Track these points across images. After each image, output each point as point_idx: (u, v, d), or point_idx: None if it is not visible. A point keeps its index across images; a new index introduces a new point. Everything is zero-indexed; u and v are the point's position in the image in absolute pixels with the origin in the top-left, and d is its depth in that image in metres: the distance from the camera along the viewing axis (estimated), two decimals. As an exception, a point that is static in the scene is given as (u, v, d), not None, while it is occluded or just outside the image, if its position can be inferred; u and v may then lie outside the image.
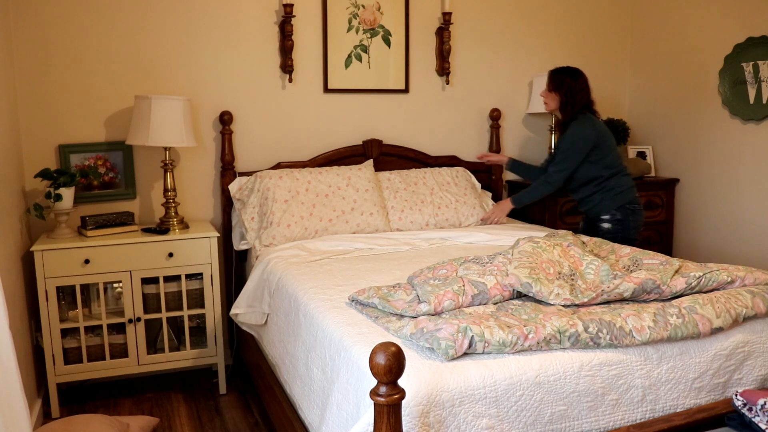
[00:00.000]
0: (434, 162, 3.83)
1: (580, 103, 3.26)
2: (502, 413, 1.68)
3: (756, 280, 2.21)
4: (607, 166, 3.25)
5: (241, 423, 2.97)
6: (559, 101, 3.30)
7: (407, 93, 3.83)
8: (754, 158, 3.60)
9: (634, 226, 3.26)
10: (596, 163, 3.24)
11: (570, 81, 3.26)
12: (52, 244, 2.89)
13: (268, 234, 3.13)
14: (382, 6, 3.67)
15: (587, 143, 3.20)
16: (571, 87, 3.25)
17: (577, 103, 3.25)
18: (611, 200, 3.24)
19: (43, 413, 3.01)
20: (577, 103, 3.25)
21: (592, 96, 3.32)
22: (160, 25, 3.32)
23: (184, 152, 3.44)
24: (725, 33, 3.69)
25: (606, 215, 3.24)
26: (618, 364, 1.82)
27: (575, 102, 3.25)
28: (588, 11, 4.22)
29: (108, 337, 3.03)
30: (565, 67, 3.34)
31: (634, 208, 3.27)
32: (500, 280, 2.13)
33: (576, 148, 3.21)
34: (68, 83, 3.21)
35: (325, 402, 1.97)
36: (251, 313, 2.89)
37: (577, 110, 3.26)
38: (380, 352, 1.45)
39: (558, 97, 3.30)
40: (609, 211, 3.24)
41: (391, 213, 3.41)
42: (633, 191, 3.30)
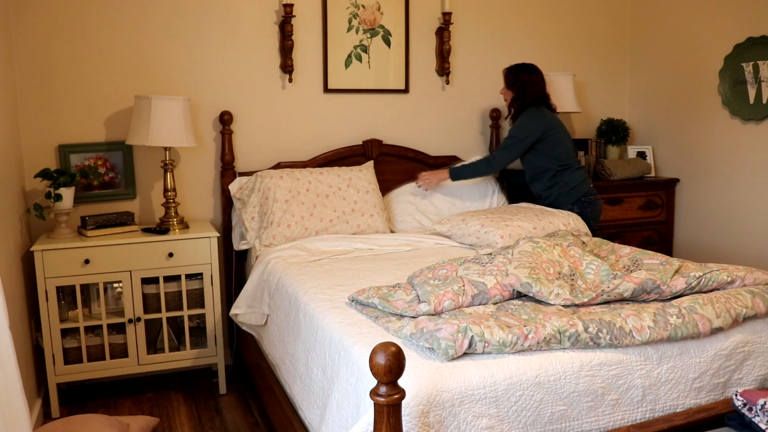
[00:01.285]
0: (434, 162, 3.83)
1: (531, 97, 3.41)
2: (502, 413, 1.68)
3: (756, 280, 2.21)
4: (556, 158, 3.38)
5: (241, 423, 2.97)
6: (512, 96, 3.47)
7: (407, 93, 3.83)
8: (754, 158, 3.60)
9: (592, 216, 3.42)
10: (545, 154, 3.38)
11: (525, 76, 3.43)
12: (52, 244, 2.89)
13: (268, 234, 3.13)
14: (382, 6, 3.67)
15: (534, 133, 3.34)
16: (524, 81, 3.41)
17: (528, 96, 3.40)
18: (567, 195, 3.38)
19: (43, 413, 3.01)
20: (528, 96, 3.40)
21: (546, 90, 3.47)
22: (160, 25, 3.32)
23: (184, 152, 3.44)
24: (725, 33, 3.69)
25: (563, 209, 3.35)
26: (618, 364, 1.83)
27: (526, 96, 3.40)
28: (588, 11, 4.22)
29: (108, 337, 3.03)
30: (519, 64, 3.50)
31: (590, 199, 3.41)
32: (500, 280, 2.13)
33: (522, 137, 3.36)
34: (68, 83, 3.21)
35: (325, 402, 1.97)
36: (251, 313, 2.89)
37: (527, 104, 3.40)
38: (380, 352, 1.45)
39: (512, 93, 3.47)
40: (566, 205, 3.38)
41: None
42: (587, 183, 3.45)
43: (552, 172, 3.39)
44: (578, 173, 3.43)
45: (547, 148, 3.37)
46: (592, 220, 3.39)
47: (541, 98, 3.43)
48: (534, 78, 3.41)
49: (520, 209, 3.28)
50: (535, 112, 3.37)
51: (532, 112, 3.37)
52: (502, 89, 3.53)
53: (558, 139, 3.38)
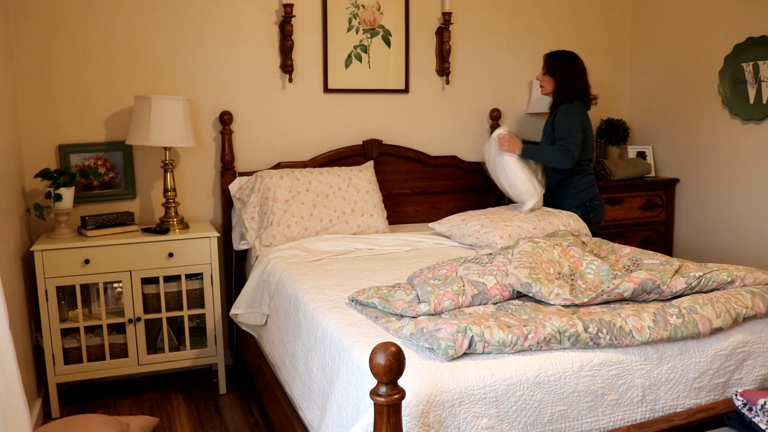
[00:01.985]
0: (434, 162, 3.83)
1: (577, 88, 3.30)
2: (502, 413, 1.68)
3: (756, 280, 2.21)
4: (579, 163, 3.31)
5: (241, 423, 2.97)
6: (555, 85, 3.34)
7: (407, 93, 3.83)
8: (754, 158, 3.60)
9: (595, 221, 3.38)
10: None
11: (566, 64, 3.31)
12: (52, 244, 2.89)
13: (268, 234, 3.13)
14: (382, 6, 3.67)
15: (580, 125, 3.25)
16: (567, 70, 3.29)
17: (574, 87, 3.29)
18: (572, 198, 3.35)
19: (43, 413, 3.01)
20: (573, 87, 3.29)
21: (588, 81, 3.36)
22: (160, 25, 3.32)
23: (184, 152, 3.44)
24: (725, 33, 3.69)
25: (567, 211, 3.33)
26: (618, 364, 1.83)
27: (571, 86, 3.29)
28: (588, 11, 4.22)
29: (108, 337, 3.03)
30: (561, 51, 3.38)
31: (594, 205, 3.38)
32: (500, 280, 2.13)
33: (572, 131, 3.22)
34: (68, 83, 3.21)
35: (325, 402, 1.97)
36: (251, 313, 2.89)
37: (572, 95, 3.29)
38: (380, 352, 1.45)
39: (554, 81, 3.34)
40: (570, 208, 3.34)
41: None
42: (594, 189, 3.41)
43: (564, 173, 3.36)
44: (588, 178, 3.41)
45: None
46: (594, 225, 3.37)
47: (584, 90, 3.33)
48: (577, 67, 3.32)
49: (519, 209, 3.28)
50: (579, 108, 3.27)
51: (575, 109, 3.26)
52: (540, 75, 3.41)
53: (585, 145, 3.32)
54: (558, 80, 3.32)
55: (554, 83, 3.34)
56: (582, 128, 3.27)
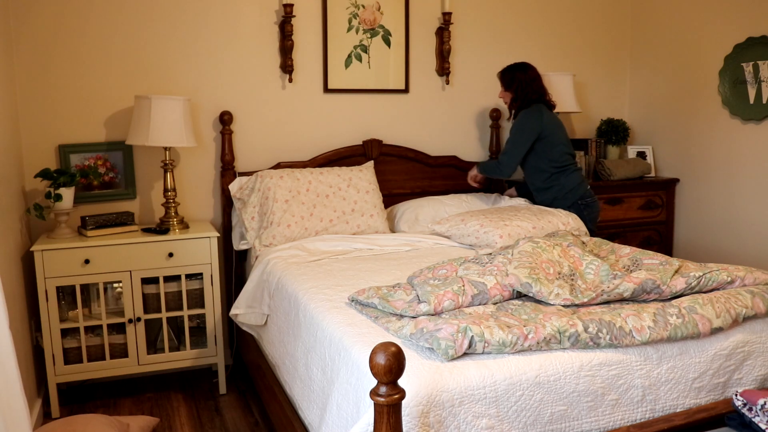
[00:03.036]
0: (434, 162, 3.83)
1: (532, 95, 3.38)
2: (502, 413, 1.68)
3: (756, 280, 2.21)
4: (552, 160, 3.37)
5: (241, 423, 2.97)
6: (511, 97, 3.45)
7: (407, 93, 3.83)
8: (754, 158, 3.60)
9: (590, 218, 3.40)
10: (540, 156, 3.37)
11: (520, 75, 3.41)
12: (52, 244, 2.89)
13: (268, 234, 3.13)
14: (382, 6, 3.67)
15: (533, 132, 3.33)
16: (521, 81, 3.40)
17: (529, 94, 3.38)
18: (563, 198, 3.37)
19: (43, 413, 3.01)
20: (528, 94, 3.38)
21: (543, 86, 3.45)
22: (160, 25, 3.32)
23: (184, 152, 3.44)
24: (725, 33, 3.69)
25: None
26: (618, 364, 1.83)
27: (525, 94, 3.39)
28: (588, 11, 4.22)
29: (108, 337, 3.03)
30: (513, 64, 3.49)
31: (587, 202, 3.40)
32: (500, 280, 2.13)
33: (522, 136, 3.34)
34: (68, 83, 3.21)
35: (325, 402, 1.97)
36: (251, 313, 2.89)
37: (527, 102, 3.38)
38: (380, 352, 1.45)
39: (511, 94, 3.45)
40: (562, 208, 3.35)
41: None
42: (583, 186, 3.43)
43: (547, 174, 3.39)
44: (575, 175, 3.42)
45: (542, 149, 3.35)
46: (589, 223, 3.38)
47: (540, 95, 3.41)
48: (530, 75, 3.40)
49: (519, 209, 3.28)
50: (533, 110, 3.36)
51: (530, 111, 3.36)
52: (501, 92, 3.52)
53: (554, 141, 3.36)
54: (513, 92, 3.43)
55: (511, 95, 3.45)
56: (535, 129, 3.33)
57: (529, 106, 3.38)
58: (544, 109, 3.40)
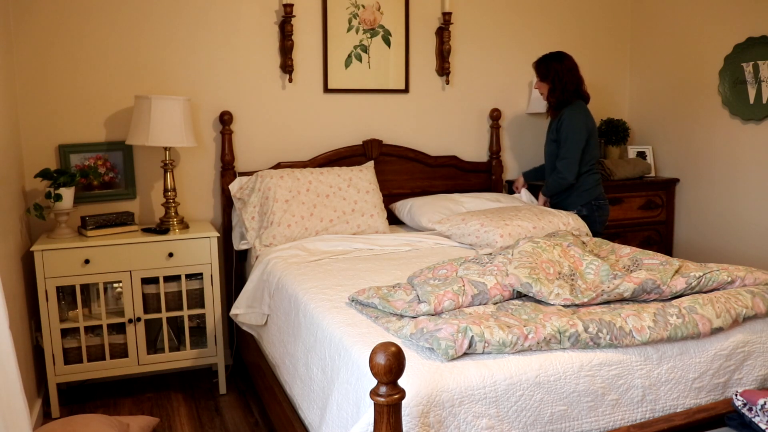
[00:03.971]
0: (434, 162, 3.83)
1: (570, 86, 3.34)
2: (502, 413, 1.68)
3: (756, 280, 2.21)
4: (585, 162, 3.36)
5: (241, 423, 2.97)
6: (549, 88, 3.39)
7: (407, 93, 3.83)
8: (753, 158, 3.60)
9: (600, 221, 3.41)
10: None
11: (556, 65, 3.36)
12: (52, 244, 2.89)
13: (268, 234, 3.13)
14: (382, 6, 3.67)
15: (585, 132, 3.31)
16: (558, 71, 3.34)
17: (567, 84, 3.33)
18: (578, 197, 3.37)
19: (43, 413, 3.01)
20: (566, 85, 3.33)
21: (580, 76, 3.40)
22: (160, 25, 3.32)
23: (184, 152, 3.44)
24: (725, 33, 3.69)
25: (572, 210, 3.36)
26: (618, 364, 1.83)
27: (564, 84, 3.33)
28: (588, 11, 4.22)
29: (108, 337, 3.03)
30: (548, 54, 3.43)
31: (600, 204, 3.41)
32: (500, 280, 2.13)
33: (577, 138, 3.30)
34: (68, 83, 3.21)
35: (325, 402, 1.97)
36: (251, 313, 2.89)
37: (567, 94, 3.33)
38: (380, 352, 1.45)
39: (547, 84, 3.39)
40: (575, 206, 3.37)
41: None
42: (599, 188, 3.44)
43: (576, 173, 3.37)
44: (594, 177, 3.42)
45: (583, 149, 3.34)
46: (598, 224, 3.38)
47: (578, 86, 3.36)
48: (566, 65, 3.35)
49: (519, 209, 3.28)
50: (581, 110, 3.32)
51: (578, 112, 3.31)
52: (536, 83, 3.46)
53: (593, 143, 3.36)
54: (550, 83, 3.37)
55: (548, 86, 3.39)
56: (586, 130, 3.31)
57: (569, 101, 3.32)
58: (585, 106, 3.36)
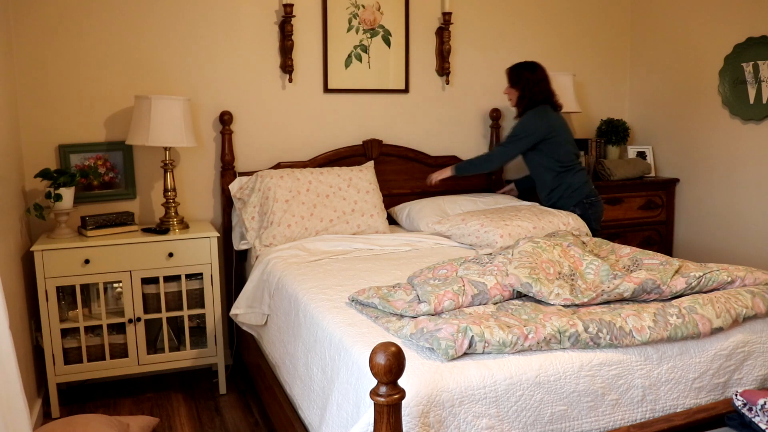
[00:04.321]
0: (434, 162, 3.83)
1: (538, 95, 3.38)
2: (502, 413, 1.68)
3: (756, 280, 2.21)
4: (558, 160, 3.39)
5: (241, 423, 2.97)
6: (517, 95, 3.43)
7: (407, 93, 3.83)
8: (754, 158, 3.60)
9: (595, 218, 3.42)
10: (547, 155, 3.38)
11: (528, 74, 3.40)
12: (52, 244, 2.89)
13: (268, 234, 3.13)
14: (382, 6, 3.67)
15: (536, 133, 3.34)
16: (528, 80, 3.38)
17: (535, 94, 3.38)
18: (569, 198, 3.39)
19: (43, 413, 3.01)
20: (535, 95, 3.38)
21: (551, 87, 3.45)
22: (160, 25, 3.32)
23: (184, 152, 3.44)
24: (725, 33, 3.69)
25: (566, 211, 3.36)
26: (618, 364, 1.83)
27: (533, 94, 3.38)
28: (588, 11, 4.22)
29: (108, 337, 3.03)
30: (522, 62, 3.47)
31: (592, 201, 3.42)
32: (500, 280, 2.13)
33: (522, 135, 3.35)
34: (68, 83, 3.21)
35: (325, 402, 1.97)
36: (251, 313, 2.89)
37: (534, 103, 3.38)
38: (380, 352, 1.45)
39: (517, 91, 3.43)
40: (569, 207, 3.38)
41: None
42: (588, 185, 3.45)
43: (554, 173, 3.40)
44: (580, 175, 3.43)
45: (549, 150, 3.36)
46: (594, 222, 3.39)
47: (547, 96, 3.41)
48: (537, 75, 3.39)
49: (519, 209, 3.28)
50: (541, 111, 3.36)
51: (538, 111, 3.36)
52: (506, 89, 3.50)
53: (560, 141, 3.38)
54: (520, 90, 3.41)
55: (517, 93, 3.44)
56: (546, 128, 3.34)
57: (535, 107, 3.38)
58: (550, 109, 3.40)
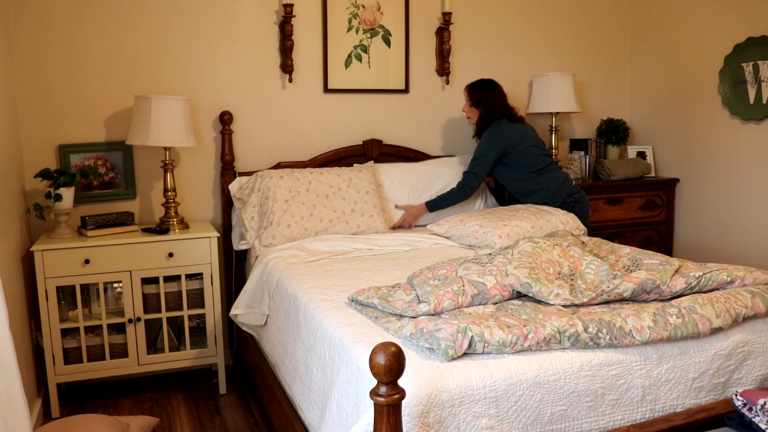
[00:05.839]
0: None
1: (497, 113, 3.43)
2: (502, 413, 1.68)
3: (756, 280, 2.21)
4: (527, 167, 3.41)
5: (241, 423, 2.97)
6: (478, 114, 3.47)
7: (407, 93, 3.83)
8: (754, 158, 3.60)
9: (580, 215, 3.40)
10: (513, 167, 3.42)
11: (489, 93, 3.45)
12: (52, 244, 2.89)
13: (268, 234, 3.13)
14: (382, 6, 3.67)
15: (495, 150, 3.39)
16: (489, 98, 3.43)
17: (495, 112, 3.43)
18: (551, 201, 3.40)
19: (43, 413, 3.01)
20: (495, 112, 3.43)
21: (509, 105, 3.49)
22: (160, 25, 3.32)
23: (184, 152, 3.44)
24: (725, 33, 3.69)
25: None
26: (618, 364, 1.83)
27: (494, 112, 3.43)
28: (588, 11, 4.22)
29: (108, 337, 3.03)
30: (479, 81, 3.50)
31: (575, 199, 3.43)
32: (500, 280, 2.13)
33: (483, 155, 3.40)
34: (68, 83, 3.21)
35: (324, 402, 1.97)
36: (251, 313, 2.89)
37: (490, 121, 3.43)
38: (380, 352, 1.45)
39: (478, 111, 3.46)
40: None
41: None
42: (567, 184, 3.45)
43: (528, 179, 3.42)
44: (556, 175, 3.44)
45: (514, 160, 3.41)
46: (581, 218, 3.38)
47: (503, 112, 3.45)
48: (498, 93, 3.45)
49: (518, 209, 3.28)
50: (495, 128, 3.41)
51: (492, 130, 3.41)
52: (466, 107, 3.51)
53: (522, 150, 3.40)
54: (482, 110, 3.44)
55: (479, 112, 3.46)
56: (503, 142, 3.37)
57: (491, 125, 3.42)
58: (505, 123, 3.42)
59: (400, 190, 3.53)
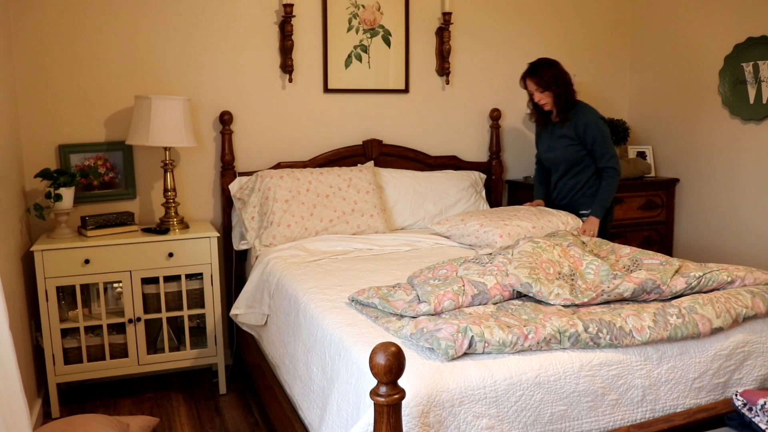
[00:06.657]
0: (434, 162, 3.83)
1: (571, 86, 3.26)
2: (502, 413, 1.68)
3: (756, 280, 2.21)
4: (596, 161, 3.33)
5: (241, 423, 2.97)
6: (554, 95, 3.24)
7: (407, 93, 3.83)
8: (754, 158, 3.60)
9: (610, 218, 3.39)
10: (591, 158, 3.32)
11: (553, 71, 3.22)
12: (52, 244, 2.89)
13: (268, 234, 3.13)
14: (382, 6, 3.67)
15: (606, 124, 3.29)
16: (556, 76, 3.22)
17: (570, 85, 3.26)
18: (591, 197, 3.32)
19: (43, 413, 3.01)
20: (569, 85, 3.25)
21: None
22: (160, 25, 3.32)
23: (184, 152, 3.44)
24: (725, 33, 3.69)
25: (585, 210, 3.33)
26: (618, 364, 1.83)
27: (567, 86, 3.24)
28: (588, 11, 4.22)
29: (108, 337, 3.03)
30: (537, 63, 3.28)
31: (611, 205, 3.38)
32: (500, 280, 2.13)
33: (606, 135, 3.26)
34: (68, 83, 3.21)
35: (325, 402, 1.97)
36: (251, 313, 2.89)
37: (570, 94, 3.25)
38: (380, 352, 1.45)
39: (551, 93, 3.24)
40: (585, 207, 3.33)
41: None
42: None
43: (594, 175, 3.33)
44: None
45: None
46: (607, 223, 3.37)
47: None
48: (558, 68, 3.26)
49: (518, 209, 3.28)
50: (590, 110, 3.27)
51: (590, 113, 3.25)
52: (536, 96, 3.27)
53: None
54: (555, 88, 3.21)
55: (552, 94, 3.24)
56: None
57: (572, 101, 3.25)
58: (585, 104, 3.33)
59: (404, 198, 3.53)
